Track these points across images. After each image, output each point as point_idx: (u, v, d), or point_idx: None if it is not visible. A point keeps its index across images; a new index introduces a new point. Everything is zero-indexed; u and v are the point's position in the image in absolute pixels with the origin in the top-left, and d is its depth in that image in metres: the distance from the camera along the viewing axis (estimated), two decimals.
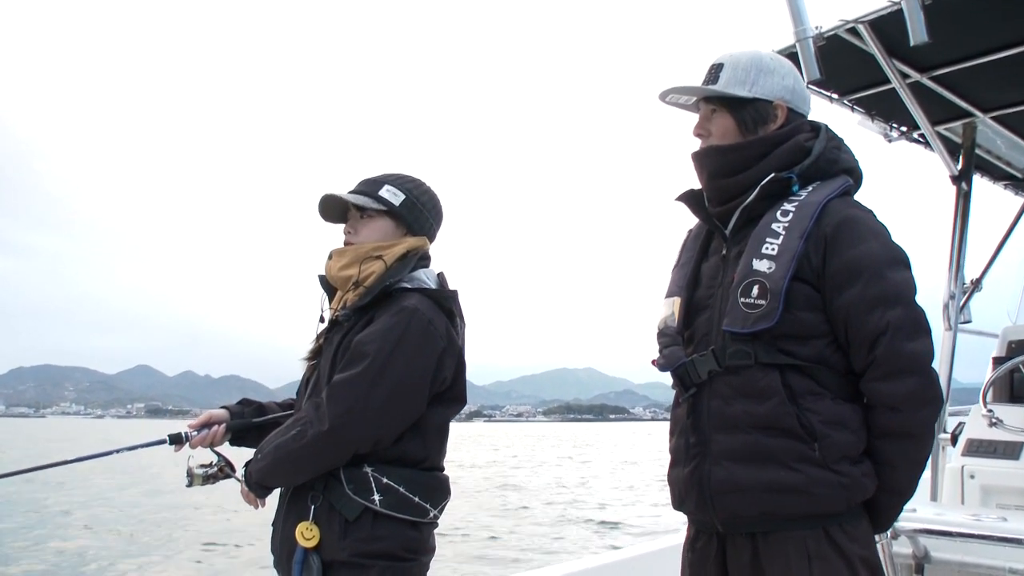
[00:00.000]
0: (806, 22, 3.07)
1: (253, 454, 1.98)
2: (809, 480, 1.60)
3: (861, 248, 1.64)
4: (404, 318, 1.90)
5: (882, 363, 1.60)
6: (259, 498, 1.98)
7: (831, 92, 3.68)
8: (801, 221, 1.68)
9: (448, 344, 1.95)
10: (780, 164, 1.75)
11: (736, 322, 1.67)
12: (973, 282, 4.05)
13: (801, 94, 1.86)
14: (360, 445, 1.86)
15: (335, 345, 1.98)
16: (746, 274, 1.68)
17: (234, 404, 2.22)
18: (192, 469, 2.06)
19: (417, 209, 2.09)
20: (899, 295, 1.62)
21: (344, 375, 1.87)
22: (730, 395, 1.69)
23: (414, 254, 2.05)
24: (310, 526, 1.87)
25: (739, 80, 1.80)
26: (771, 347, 1.66)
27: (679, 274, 1.91)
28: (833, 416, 1.63)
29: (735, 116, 1.81)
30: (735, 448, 1.67)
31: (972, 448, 3.51)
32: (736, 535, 1.70)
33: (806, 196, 1.73)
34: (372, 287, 1.98)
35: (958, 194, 3.97)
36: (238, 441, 2.17)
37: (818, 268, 1.66)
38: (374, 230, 2.07)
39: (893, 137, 4.10)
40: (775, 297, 1.62)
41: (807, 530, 1.62)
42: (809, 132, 1.82)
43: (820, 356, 1.66)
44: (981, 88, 3.60)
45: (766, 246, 1.68)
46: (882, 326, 1.59)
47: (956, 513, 2.58)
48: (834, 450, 1.61)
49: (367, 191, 2.08)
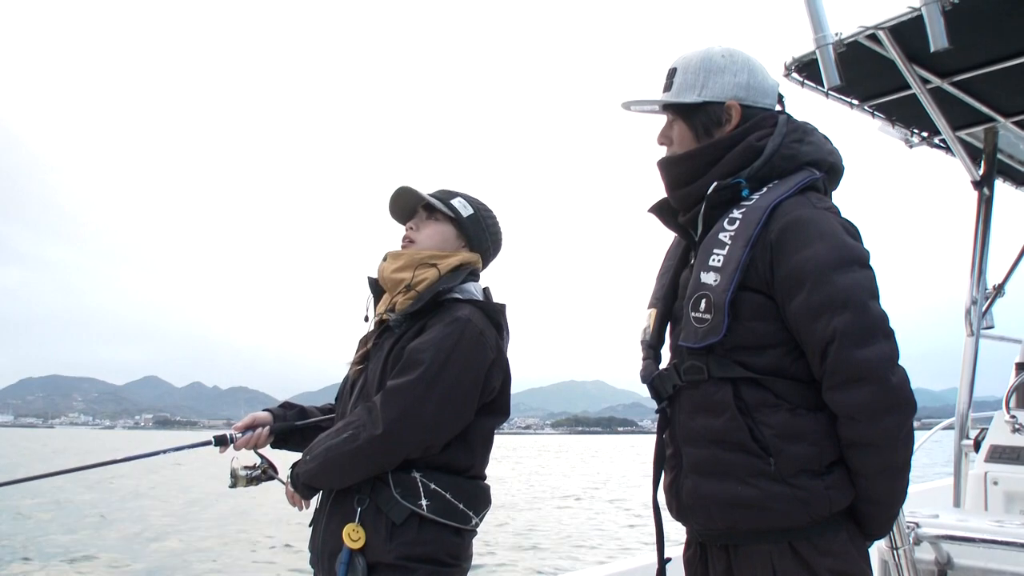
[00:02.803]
0: (826, 28, 3.08)
1: (301, 456, 2.00)
2: (765, 495, 1.56)
3: (806, 252, 1.56)
4: (458, 328, 1.92)
5: (834, 372, 1.52)
6: (305, 499, 2.00)
7: (851, 98, 3.68)
8: (747, 228, 1.61)
9: (497, 356, 1.98)
10: (730, 169, 1.70)
11: (689, 337, 1.64)
12: (996, 287, 4.02)
13: (759, 88, 1.77)
14: (411, 450, 1.87)
15: (386, 351, 2.00)
16: (695, 288, 1.65)
17: (276, 408, 2.25)
18: (236, 471, 2.09)
19: (481, 227, 2.14)
20: (847, 299, 1.52)
21: (399, 381, 1.88)
22: (691, 409, 1.68)
23: (467, 267, 2.08)
24: (356, 527, 1.88)
25: (688, 85, 1.76)
26: (725, 360, 1.62)
27: (658, 284, 1.89)
28: (789, 429, 1.57)
29: (688, 123, 1.78)
30: (700, 462, 1.66)
31: (995, 454, 3.48)
32: (712, 546, 1.70)
33: (756, 200, 1.65)
34: (423, 293, 2.01)
35: (980, 199, 3.96)
36: (280, 444, 2.21)
37: (766, 276, 1.60)
38: (436, 233, 2.11)
39: (914, 143, 4.09)
40: (719, 311, 1.58)
41: (771, 544, 1.59)
42: (767, 128, 1.73)
43: (777, 367, 1.61)
44: (1002, 93, 3.58)
45: (712, 258, 1.63)
46: (828, 334, 1.51)
47: (979, 519, 2.56)
48: (791, 464, 1.56)
49: (441, 197, 2.14)
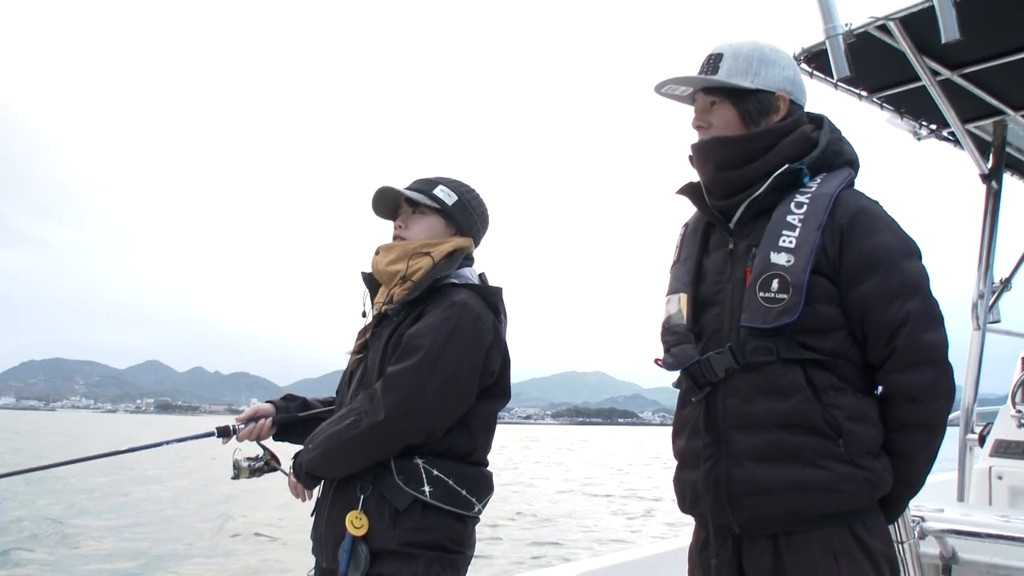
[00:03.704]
0: (836, 19, 3.05)
1: (303, 445, 2.00)
2: (836, 477, 1.58)
3: (877, 239, 1.63)
4: (455, 312, 1.93)
5: (902, 354, 1.59)
6: (307, 488, 2.01)
7: (860, 89, 3.65)
8: (816, 213, 1.65)
9: (495, 339, 1.99)
10: (788, 155, 1.72)
11: (756, 317, 1.63)
12: (1003, 281, 4.01)
13: (800, 86, 1.83)
14: (414, 436, 1.88)
15: (384, 339, 2.01)
16: (764, 268, 1.64)
17: (279, 399, 2.25)
18: (239, 462, 2.09)
19: (468, 211, 2.14)
20: (917, 286, 1.61)
21: (399, 367, 1.89)
22: (751, 393, 1.66)
23: (460, 253, 2.09)
24: (359, 515, 1.88)
25: (741, 71, 1.76)
26: (792, 342, 1.63)
27: (681, 270, 1.86)
28: (855, 411, 1.62)
29: (738, 107, 1.77)
30: (757, 447, 1.63)
31: (1000, 449, 3.47)
32: (756, 537, 1.67)
33: (817, 188, 1.70)
34: (420, 282, 2.01)
35: (988, 192, 3.93)
36: (282, 436, 2.20)
37: (835, 260, 1.63)
38: (425, 226, 2.11)
39: (922, 135, 4.06)
40: (797, 291, 1.59)
41: (833, 528, 1.59)
42: (810, 123, 1.79)
43: (839, 350, 1.64)
44: (1012, 86, 3.55)
45: (783, 239, 1.65)
46: (901, 317, 1.58)
47: (984, 514, 2.56)
48: (858, 445, 1.60)
49: (422, 188, 2.12)
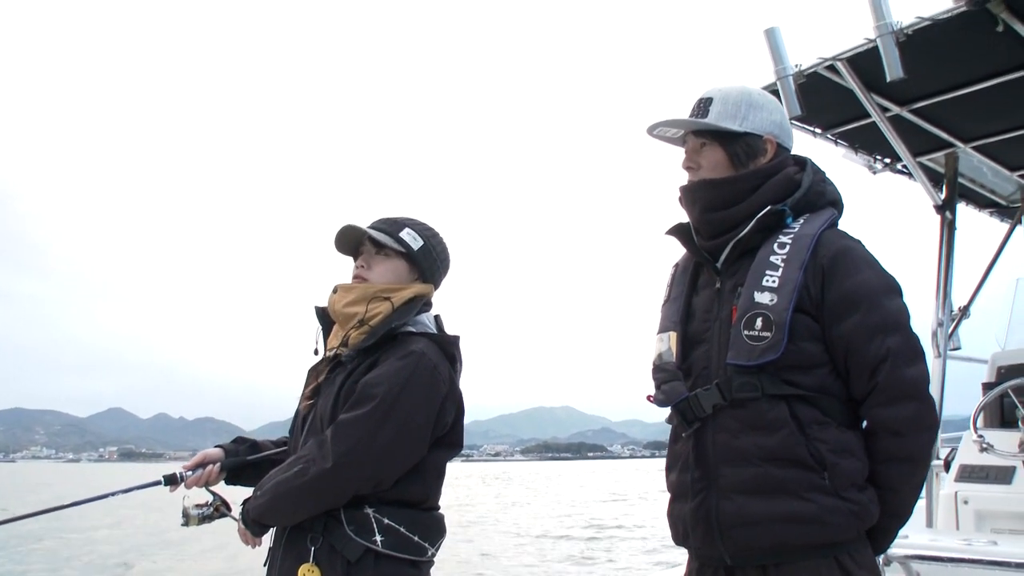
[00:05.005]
0: (786, 60, 3.17)
1: (252, 492, 1.97)
2: (822, 509, 1.60)
3: (858, 278, 1.68)
4: (412, 362, 1.91)
5: (884, 389, 1.63)
6: (255, 536, 1.96)
7: (815, 127, 3.77)
8: (799, 253, 1.70)
9: (450, 389, 1.97)
10: (772, 197, 1.77)
11: (741, 355, 1.67)
12: (961, 309, 4.10)
13: (787, 130, 1.90)
14: (361, 485, 1.85)
15: (337, 386, 1.97)
16: (748, 307, 1.68)
17: (228, 443, 2.20)
18: (188, 509, 2.02)
19: (432, 258, 2.11)
20: (897, 323, 1.66)
21: (351, 415, 1.87)
22: (738, 428, 1.68)
23: (420, 299, 2.06)
24: (312, 567, 1.84)
25: (729, 114, 1.82)
26: (776, 379, 1.66)
27: (671, 308, 1.90)
28: (839, 444, 1.65)
29: (727, 150, 1.82)
30: (744, 481, 1.66)
31: (965, 474, 3.52)
32: (746, 567, 1.69)
33: (800, 228, 1.75)
34: (377, 328, 1.98)
35: (943, 223, 4.04)
36: (234, 480, 2.16)
37: (817, 299, 1.68)
38: (388, 269, 2.07)
39: (877, 169, 4.18)
40: (779, 329, 1.63)
41: (820, 559, 1.62)
42: (795, 166, 1.85)
43: (823, 385, 1.68)
44: (960, 119, 3.68)
45: (766, 278, 1.69)
46: (883, 353, 1.62)
47: (949, 538, 2.59)
48: (843, 478, 1.62)
49: (387, 230, 2.08)
